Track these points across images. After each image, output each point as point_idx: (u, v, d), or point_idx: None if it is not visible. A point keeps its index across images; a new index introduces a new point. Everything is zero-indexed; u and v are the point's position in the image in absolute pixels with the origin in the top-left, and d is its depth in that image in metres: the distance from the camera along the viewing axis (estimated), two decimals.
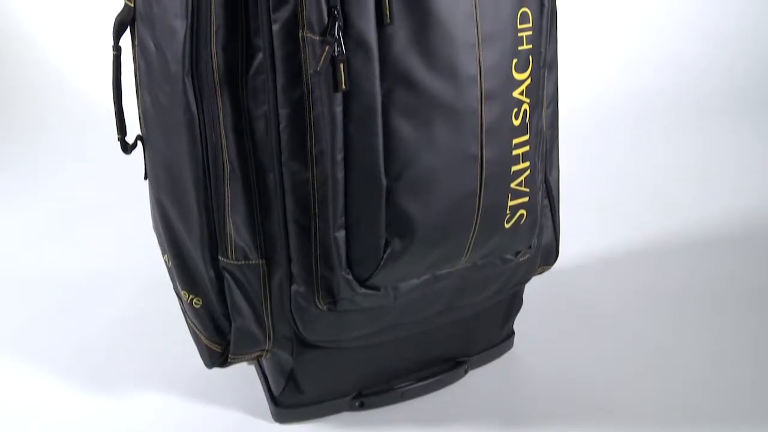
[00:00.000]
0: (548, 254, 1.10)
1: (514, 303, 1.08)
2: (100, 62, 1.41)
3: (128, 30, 0.91)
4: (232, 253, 0.87)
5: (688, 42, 2.31)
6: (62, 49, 2.16)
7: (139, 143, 0.95)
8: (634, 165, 1.79)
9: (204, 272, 0.89)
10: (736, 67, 2.28)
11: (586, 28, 2.21)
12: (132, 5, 0.88)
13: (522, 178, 0.88)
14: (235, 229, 0.86)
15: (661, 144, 1.93)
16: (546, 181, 1.05)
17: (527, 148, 0.88)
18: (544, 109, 0.96)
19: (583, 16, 2.19)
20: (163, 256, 0.96)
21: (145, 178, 0.96)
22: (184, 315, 0.96)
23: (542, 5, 0.87)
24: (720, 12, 2.36)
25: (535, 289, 1.16)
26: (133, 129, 0.94)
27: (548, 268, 1.12)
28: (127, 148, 0.95)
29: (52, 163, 1.82)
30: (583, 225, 1.43)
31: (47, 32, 2.18)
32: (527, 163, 0.88)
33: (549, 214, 1.09)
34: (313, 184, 0.81)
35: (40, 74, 2.13)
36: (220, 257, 0.88)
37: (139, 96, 0.91)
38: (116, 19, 0.90)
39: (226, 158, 0.84)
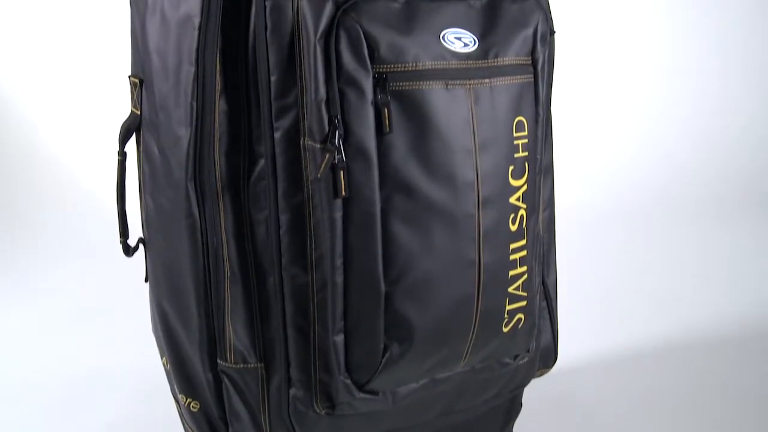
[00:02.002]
0: (547, 357, 1.10)
1: (513, 406, 1.07)
2: (105, 164, 1.44)
3: (134, 136, 0.93)
4: (231, 357, 0.87)
5: (679, 143, 2.35)
6: (68, 150, 2.19)
7: (141, 246, 0.96)
8: (631, 266, 1.80)
9: (202, 375, 0.89)
10: (727, 167, 2.31)
11: (579, 130, 2.25)
12: (138, 112, 0.91)
13: (519, 282, 0.89)
14: (235, 332, 0.86)
15: (657, 244, 1.94)
16: (543, 283, 1.06)
17: (524, 252, 0.89)
18: (540, 213, 0.98)
19: (577, 119, 2.23)
20: (162, 358, 0.96)
21: (146, 280, 0.97)
22: (181, 419, 0.95)
23: (537, 114, 0.90)
24: (710, 113, 2.41)
25: (534, 391, 1.16)
26: (135, 232, 0.96)
27: (547, 371, 1.12)
28: (128, 251, 0.96)
29: (54, 263, 1.83)
30: (582, 326, 1.42)
31: (54, 133, 2.22)
32: (524, 268, 0.89)
33: (547, 317, 1.09)
34: (312, 288, 0.82)
35: (45, 174, 2.16)
36: (218, 360, 0.88)
37: (143, 200, 0.93)
38: (123, 125, 0.92)
39: (226, 262, 0.84)
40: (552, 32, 0.95)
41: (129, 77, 0.93)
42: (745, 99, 2.44)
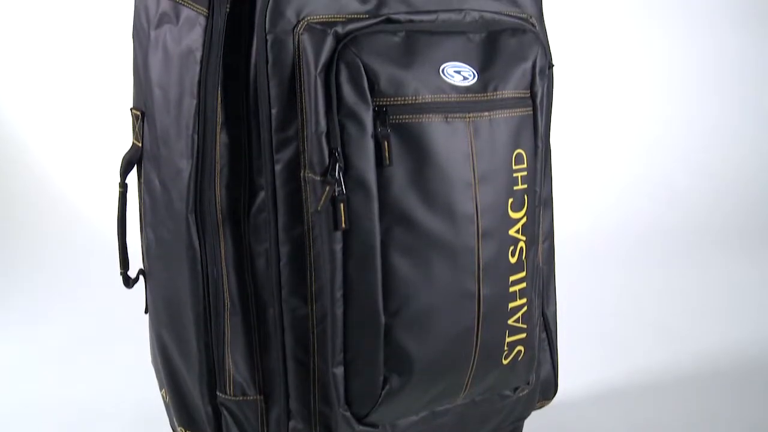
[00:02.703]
0: (547, 388, 1.10)
1: None
2: (107, 196, 1.45)
3: (135, 168, 0.93)
4: (230, 389, 0.87)
5: (676, 172, 2.36)
6: (69, 181, 2.20)
7: (141, 277, 0.96)
8: (631, 296, 1.80)
9: (201, 408, 0.89)
10: (726, 196, 2.32)
11: (577, 160, 2.25)
12: (140, 145, 0.91)
13: (519, 314, 0.89)
14: (234, 364, 0.86)
15: (657, 273, 1.94)
16: (543, 315, 1.06)
17: (524, 284, 0.89)
18: (539, 245, 0.98)
19: (575, 148, 2.24)
20: (161, 390, 0.96)
21: (146, 311, 0.97)
22: None
23: (536, 147, 0.90)
24: (707, 141, 2.42)
25: (534, 424, 1.15)
26: (136, 263, 0.96)
27: (547, 403, 1.11)
28: (128, 282, 0.96)
29: (55, 293, 1.83)
30: (582, 357, 1.42)
31: (55, 164, 2.23)
32: (524, 300, 0.89)
33: (547, 348, 1.09)
34: (312, 320, 0.82)
35: (46, 204, 2.16)
36: (218, 393, 0.87)
37: (143, 232, 0.93)
38: (124, 157, 0.93)
39: (226, 294, 0.85)
40: (550, 65, 0.95)
41: (131, 110, 0.93)
42: (742, 128, 2.45)
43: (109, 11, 2.04)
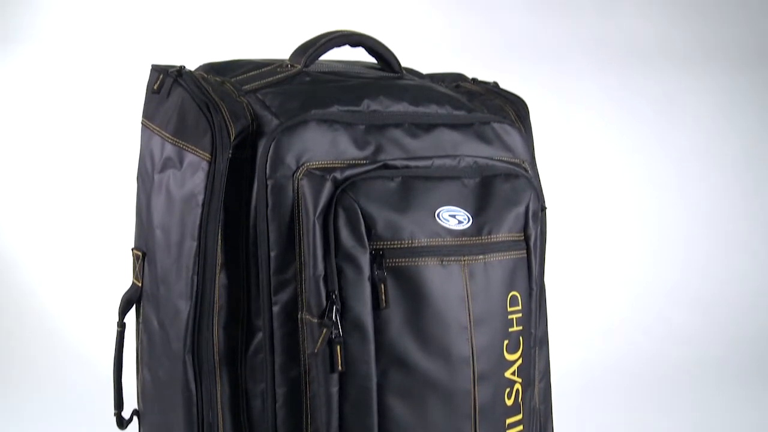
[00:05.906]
0: None
1: None
2: (104, 333, 1.44)
3: (134, 307, 0.94)
4: None
5: (674, 307, 2.37)
6: (67, 320, 2.20)
7: (135, 418, 0.95)
8: None
9: None
10: (723, 332, 2.31)
11: (573, 296, 2.26)
12: (139, 284, 0.92)
13: None
14: None
15: (656, 410, 1.92)
16: None
17: (521, 427, 0.88)
18: (536, 385, 0.98)
19: (571, 284, 2.25)
20: None
21: None
22: None
23: (531, 288, 0.91)
24: (703, 277, 2.43)
25: None
26: (130, 403, 0.95)
27: None
28: (122, 423, 0.95)
29: (47, 428, 1.80)
30: None
31: (55, 300, 2.23)
32: None
33: None
34: None
35: (43, 340, 2.15)
36: None
37: (139, 372, 0.93)
38: (123, 297, 0.94)
39: None
40: (543, 208, 0.97)
41: (132, 250, 0.95)
42: (735, 263, 2.47)
43: (113, 154, 2.09)
